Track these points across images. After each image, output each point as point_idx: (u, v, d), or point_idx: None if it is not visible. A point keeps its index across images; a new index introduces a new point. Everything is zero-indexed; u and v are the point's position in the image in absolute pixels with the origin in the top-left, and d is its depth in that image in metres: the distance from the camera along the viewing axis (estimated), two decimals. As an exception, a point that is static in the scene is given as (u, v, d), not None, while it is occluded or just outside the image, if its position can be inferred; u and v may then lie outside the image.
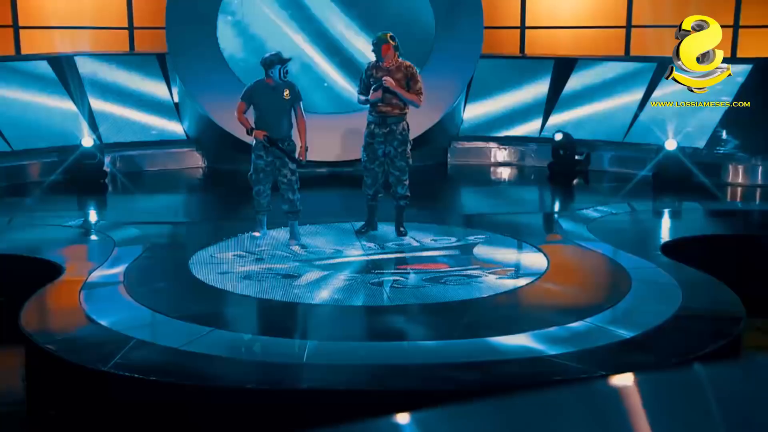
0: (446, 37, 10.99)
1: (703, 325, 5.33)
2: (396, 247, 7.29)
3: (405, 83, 7.16)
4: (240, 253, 7.11)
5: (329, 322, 5.56)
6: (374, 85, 7.15)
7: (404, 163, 7.35)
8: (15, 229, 7.86)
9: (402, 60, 7.26)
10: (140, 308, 5.62)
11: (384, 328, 5.44)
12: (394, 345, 5.06)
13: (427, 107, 10.97)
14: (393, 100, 7.18)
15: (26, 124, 10.63)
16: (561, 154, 10.84)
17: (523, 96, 12.01)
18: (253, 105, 7.20)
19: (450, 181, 11.15)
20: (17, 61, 11.52)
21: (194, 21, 10.73)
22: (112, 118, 11.17)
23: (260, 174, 7.34)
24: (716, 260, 7.01)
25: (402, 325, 5.54)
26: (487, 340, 4.99)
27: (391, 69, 7.18)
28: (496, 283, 6.26)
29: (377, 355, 4.84)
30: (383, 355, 4.86)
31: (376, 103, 7.19)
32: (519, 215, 8.87)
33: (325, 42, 11.04)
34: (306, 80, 10.52)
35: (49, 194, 9.52)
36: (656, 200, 9.60)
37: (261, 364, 4.78)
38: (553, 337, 5.02)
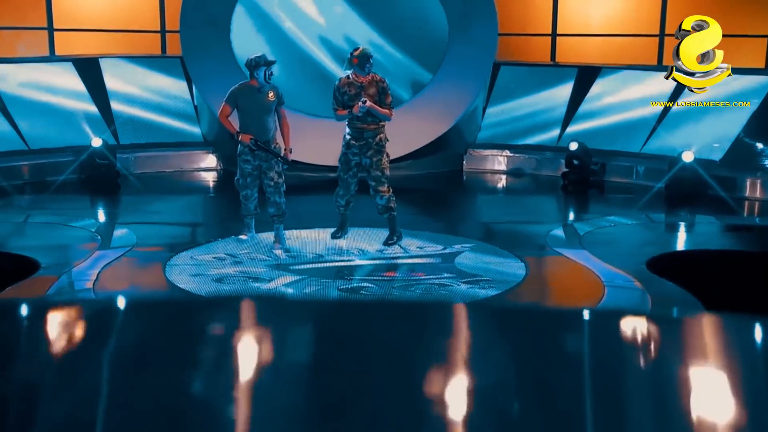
0: (459, 43, 10.89)
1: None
2: (378, 254, 7.24)
3: (377, 97, 7.15)
4: (220, 255, 7.14)
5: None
6: (350, 102, 7.14)
7: (379, 173, 7.29)
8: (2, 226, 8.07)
9: (374, 74, 7.25)
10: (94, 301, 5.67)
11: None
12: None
13: (439, 114, 10.96)
14: (368, 117, 7.19)
15: (45, 124, 10.85)
16: (576, 164, 10.65)
17: (544, 104, 11.83)
18: (238, 108, 7.23)
19: (462, 189, 11.05)
20: (44, 62, 11.77)
21: (208, 24, 10.85)
22: (130, 120, 11.35)
23: (248, 179, 7.38)
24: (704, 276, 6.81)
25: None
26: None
27: (365, 84, 7.17)
28: (465, 292, 6.17)
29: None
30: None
31: (353, 118, 7.19)
32: (519, 224, 8.75)
33: (336, 46, 11.03)
34: (318, 84, 10.54)
35: (58, 193, 9.70)
36: (668, 213, 9.36)
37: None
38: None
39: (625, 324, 2.13)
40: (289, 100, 10.54)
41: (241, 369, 1.86)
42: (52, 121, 10.91)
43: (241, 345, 1.98)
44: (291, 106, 10.33)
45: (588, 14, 13.89)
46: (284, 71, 10.19)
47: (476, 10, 10.92)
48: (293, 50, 11.07)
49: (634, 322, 2.20)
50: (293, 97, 10.51)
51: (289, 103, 10.49)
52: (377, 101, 7.15)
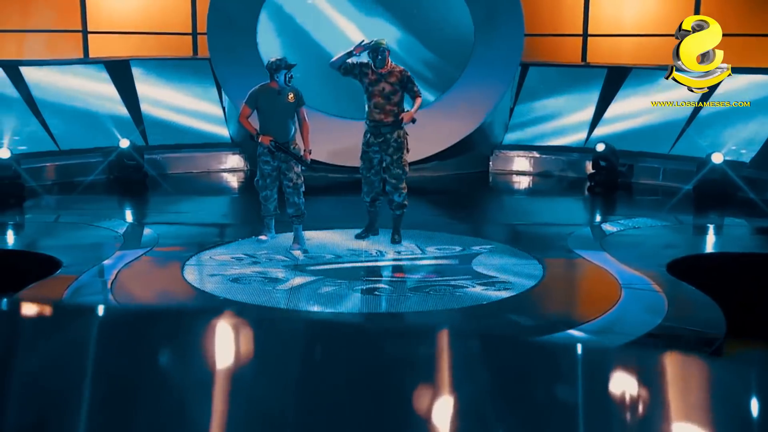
0: (485, 44, 10.85)
1: (670, 346, 5.08)
2: (396, 255, 7.24)
3: (399, 86, 7.19)
4: (239, 255, 7.19)
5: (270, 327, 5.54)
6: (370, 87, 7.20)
7: (400, 171, 7.32)
8: (27, 226, 8.19)
9: (394, 65, 7.28)
10: (110, 302, 5.75)
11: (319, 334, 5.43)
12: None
13: (464, 115, 10.92)
14: (387, 107, 7.20)
15: (76, 125, 11.01)
16: (603, 166, 10.54)
17: (572, 105, 11.73)
18: (258, 109, 7.28)
19: (488, 190, 10.99)
20: (77, 65, 11.95)
21: (234, 26, 10.93)
22: (159, 121, 11.48)
23: (267, 179, 7.43)
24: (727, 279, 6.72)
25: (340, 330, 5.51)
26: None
27: (385, 73, 7.21)
28: (479, 294, 6.14)
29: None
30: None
31: (370, 111, 7.22)
32: (542, 226, 8.69)
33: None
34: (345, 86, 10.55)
35: (86, 194, 9.83)
36: (696, 215, 9.22)
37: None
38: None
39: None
40: (317, 103, 10.63)
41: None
42: (82, 122, 11.07)
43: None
44: (319, 108, 10.42)
45: (621, 14, 13.75)
46: (313, 73, 10.23)
47: (502, 11, 10.88)
48: (321, 53, 11.10)
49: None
50: (321, 99, 10.57)
51: (316, 105, 10.58)
52: (399, 90, 7.20)
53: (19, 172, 9.46)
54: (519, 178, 11.32)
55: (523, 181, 11.28)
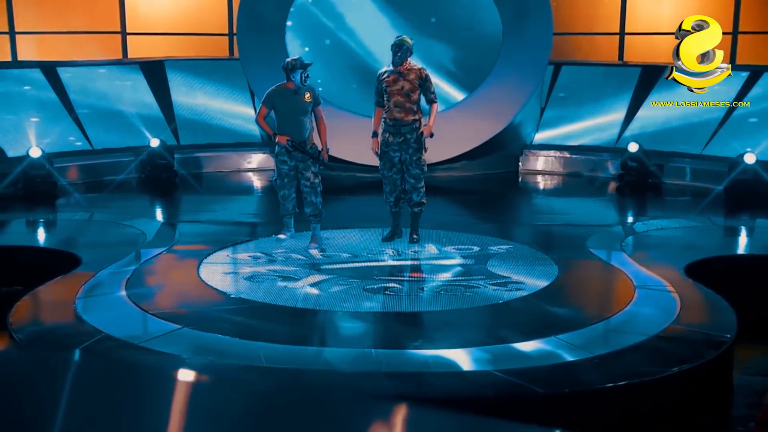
0: (513, 44, 10.77)
1: (677, 348, 5.00)
2: (413, 255, 7.24)
3: (417, 85, 7.21)
4: (256, 254, 7.25)
5: (287, 325, 5.58)
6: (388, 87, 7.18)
7: (419, 170, 7.34)
8: (54, 223, 8.34)
9: (413, 63, 7.27)
10: (124, 303, 5.83)
11: (336, 333, 5.48)
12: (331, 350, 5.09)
13: (492, 115, 10.86)
14: (406, 105, 7.20)
15: (110, 125, 11.21)
16: (634, 166, 10.41)
17: (604, 104, 11.60)
18: (275, 109, 7.33)
19: (516, 190, 10.93)
20: (113, 66, 12.16)
21: (263, 28, 11.03)
22: (191, 120, 11.63)
23: (285, 179, 7.47)
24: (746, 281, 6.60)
25: (348, 332, 5.56)
26: (408, 352, 4.94)
27: (403, 71, 7.21)
28: (491, 293, 6.11)
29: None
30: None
31: (391, 110, 7.22)
32: (565, 227, 8.59)
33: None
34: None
35: (116, 192, 10.00)
36: (726, 216, 9.05)
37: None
38: (499, 354, 4.85)
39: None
40: (342, 101, 10.66)
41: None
42: (115, 122, 11.26)
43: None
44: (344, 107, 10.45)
45: (659, 12, 13.55)
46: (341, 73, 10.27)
47: (531, 10, 10.79)
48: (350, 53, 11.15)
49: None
50: (346, 98, 10.61)
51: (341, 103, 10.61)
52: (418, 88, 7.21)
53: (51, 171, 9.65)
54: (548, 179, 11.23)
55: (552, 181, 11.18)
